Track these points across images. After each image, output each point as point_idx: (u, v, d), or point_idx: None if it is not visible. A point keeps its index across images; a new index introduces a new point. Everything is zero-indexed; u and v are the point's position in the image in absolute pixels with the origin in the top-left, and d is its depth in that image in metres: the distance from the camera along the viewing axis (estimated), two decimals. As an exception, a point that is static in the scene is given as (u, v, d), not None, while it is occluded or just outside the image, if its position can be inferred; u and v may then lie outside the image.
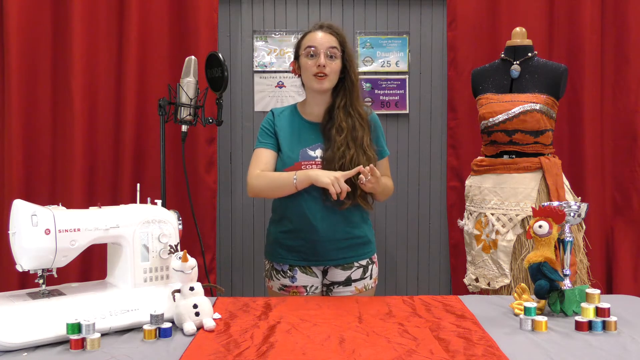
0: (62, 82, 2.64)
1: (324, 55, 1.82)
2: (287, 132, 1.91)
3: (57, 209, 1.39)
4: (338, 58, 1.86)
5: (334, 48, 1.84)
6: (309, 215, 1.84)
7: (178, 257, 1.39)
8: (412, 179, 2.97)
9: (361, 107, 1.90)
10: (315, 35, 1.86)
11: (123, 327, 1.36)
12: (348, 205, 1.82)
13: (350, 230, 1.88)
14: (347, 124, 1.84)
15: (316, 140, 1.89)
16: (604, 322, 1.34)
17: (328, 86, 1.86)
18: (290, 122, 1.93)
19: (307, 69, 1.86)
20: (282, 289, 1.91)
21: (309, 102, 1.94)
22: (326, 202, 1.82)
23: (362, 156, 1.82)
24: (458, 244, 2.81)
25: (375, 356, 1.19)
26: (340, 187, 1.70)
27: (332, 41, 1.85)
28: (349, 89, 1.88)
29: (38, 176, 2.65)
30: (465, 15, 2.77)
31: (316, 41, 1.84)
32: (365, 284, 1.93)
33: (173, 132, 2.60)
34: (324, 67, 1.82)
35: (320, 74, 1.83)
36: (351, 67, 1.88)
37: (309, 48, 1.84)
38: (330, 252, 1.87)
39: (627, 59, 2.72)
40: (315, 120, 1.92)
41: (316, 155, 1.86)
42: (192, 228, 2.47)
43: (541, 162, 2.18)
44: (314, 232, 1.84)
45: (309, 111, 1.94)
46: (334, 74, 1.85)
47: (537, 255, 1.50)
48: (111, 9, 2.65)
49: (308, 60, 1.85)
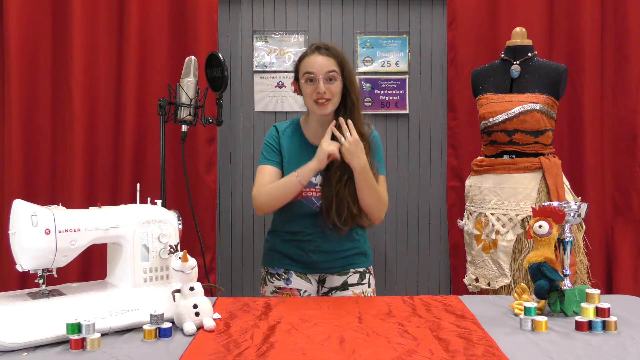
0: (62, 82, 2.64)
1: (323, 81, 1.78)
2: (289, 154, 1.89)
3: (57, 209, 1.39)
4: (338, 80, 1.81)
5: (333, 71, 1.80)
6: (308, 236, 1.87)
7: (178, 257, 1.39)
8: (412, 179, 2.97)
9: (362, 126, 1.85)
10: (312, 61, 1.81)
11: (123, 327, 1.36)
12: (346, 230, 1.83)
13: (348, 243, 1.91)
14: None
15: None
16: (604, 322, 1.34)
17: (330, 110, 1.82)
18: (293, 144, 1.90)
19: (307, 95, 1.83)
20: (275, 292, 1.92)
21: (312, 121, 1.91)
22: (324, 230, 1.85)
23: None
24: (458, 244, 2.81)
25: (375, 356, 1.19)
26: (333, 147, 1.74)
27: (330, 64, 1.80)
28: (350, 110, 1.84)
29: (38, 176, 2.65)
30: (465, 15, 2.77)
31: (314, 67, 1.79)
32: (362, 290, 1.93)
33: (173, 132, 2.60)
34: (324, 93, 1.79)
35: (320, 99, 1.80)
36: (352, 87, 1.84)
37: (308, 74, 1.80)
38: (326, 262, 1.90)
39: (627, 59, 2.72)
40: (317, 141, 1.85)
41: (316, 183, 1.84)
42: (192, 228, 2.47)
43: (541, 162, 2.18)
44: (311, 243, 1.88)
45: (313, 130, 1.90)
46: (336, 96, 1.82)
47: (537, 255, 1.50)
48: (111, 8, 2.65)
49: (308, 86, 1.82)
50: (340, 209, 1.80)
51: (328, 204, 1.81)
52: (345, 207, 1.79)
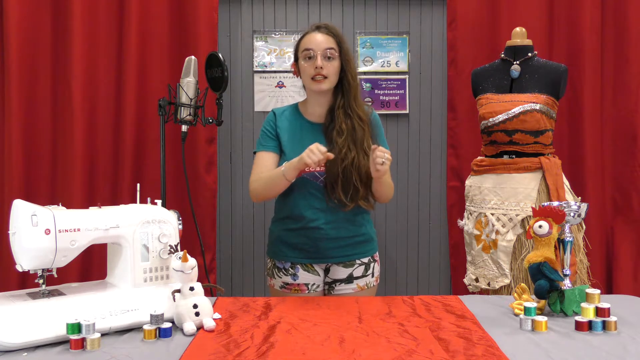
0: (62, 82, 2.64)
1: (320, 57, 1.81)
2: (288, 134, 1.90)
3: (57, 209, 1.39)
4: (336, 59, 1.84)
5: (331, 49, 1.83)
6: (313, 216, 1.85)
7: (178, 257, 1.39)
8: (412, 178, 2.97)
9: (360, 108, 1.88)
10: (312, 37, 1.85)
11: (123, 327, 1.36)
12: (351, 207, 1.83)
13: (353, 228, 1.89)
14: (346, 126, 1.84)
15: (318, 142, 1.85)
16: (604, 322, 1.34)
17: (326, 87, 1.84)
18: (292, 123, 1.92)
19: (305, 72, 1.85)
20: (283, 287, 1.92)
21: (310, 103, 1.93)
22: (329, 204, 1.84)
23: (364, 157, 1.82)
24: (458, 244, 2.81)
25: (375, 356, 1.19)
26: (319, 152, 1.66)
27: (329, 42, 1.84)
28: (347, 90, 1.86)
29: (38, 176, 2.65)
30: (465, 15, 2.77)
31: (313, 43, 1.83)
32: (367, 282, 1.93)
33: (173, 132, 2.60)
34: (321, 68, 1.81)
35: (317, 76, 1.82)
36: (349, 67, 1.86)
37: (306, 51, 1.84)
38: (333, 250, 1.88)
39: (627, 59, 2.72)
40: (316, 120, 1.92)
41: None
42: (192, 228, 2.47)
43: (541, 162, 2.18)
44: (318, 231, 1.85)
45: (311, 111, 1.93)
46: (333, 74, 1.84)
47: (537, 255, 1.50)
48: (111, 8, 2.65)
49: (306, 63, 1.84)
50: (347, 187, 1.81)
51: (333, 180, 1.81)
52: (352, 186, 1.80)
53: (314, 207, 1.85)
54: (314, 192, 1.85)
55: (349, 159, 1.80)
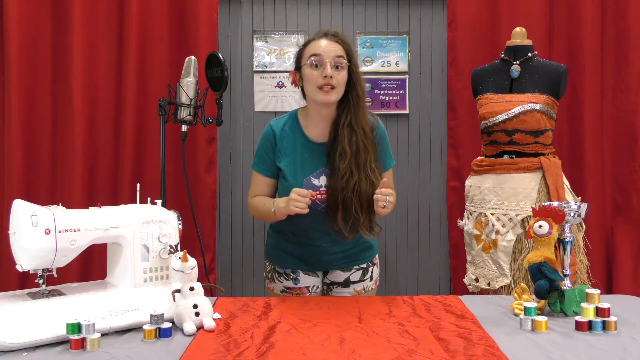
0: (62, 82, 2.64)
1: (330, 66, 1.66)
2: (290, 156, 1.78)
3: (57, 209, 1.39)
4: (344, 69, 1.69)
5: (341, 57, 1.68)
6: (315, 235, 1.81)
7: (178, 257, 1.39)
8: (412, 178, 2.97)
9: (366, 123, 1.74)
10: (319, 44, 1.70)
11: (123, 327, 1.36)
12: (352, 237, 1.76)
13: (353, 240, 1.83)
14: (350, 148, 1.70)
15: (320, 165, 1.77)
16: (604, 322, 1.34)
17: (335, 99, 1.69)
18: (293, 143, 1.79)
19: (311, 81, 1.69)
20: (284, 291, 1.90)
21: (311, 116, 1.78)
22: (332, 233, 1.78)
23: (366, 181, 1.70)
24: (458, 244, 2.81)
25: (375, 356, 1.19)
26: (302, 197, 1.60)
27: (338, 50, 1.69)
28: (355, 105, 1.72)
29: (38, 176, 2.65)
30: (465, 15, 2.77)
31: (321, 49, 1.68)
32: (364, 286, 1.92)
33: (173, 132, 2.60)
34: (331, 78, 1.66)
35: (326, 86, 1.67)
36: (357, 80, 1.72)
37: (314, 57, 1.68)
38: (334, 261, 1.87)
39: (627, 59, 2.72)
40: (318, 139, 1.78)
41: (320, 185, 1.75)
42: (192, 228, 2.47)
43: (541, 162, 2.18)
44: (319, 248, 1.83)
45: (312, 127, 1.78)
46: (342, 85, 1.69)
47: (537, 255, 1.50)
48: (111, 9, 2.65)
49: (313, 71, 1.68)
50: (347, 217, 1.71)
51: (334, 208, 1.72)
52: (352, 215, 1.70)
53: (316, 228, 1.80)
54: (316, 218, 1.76)
55: (350, 186, 1.69)
